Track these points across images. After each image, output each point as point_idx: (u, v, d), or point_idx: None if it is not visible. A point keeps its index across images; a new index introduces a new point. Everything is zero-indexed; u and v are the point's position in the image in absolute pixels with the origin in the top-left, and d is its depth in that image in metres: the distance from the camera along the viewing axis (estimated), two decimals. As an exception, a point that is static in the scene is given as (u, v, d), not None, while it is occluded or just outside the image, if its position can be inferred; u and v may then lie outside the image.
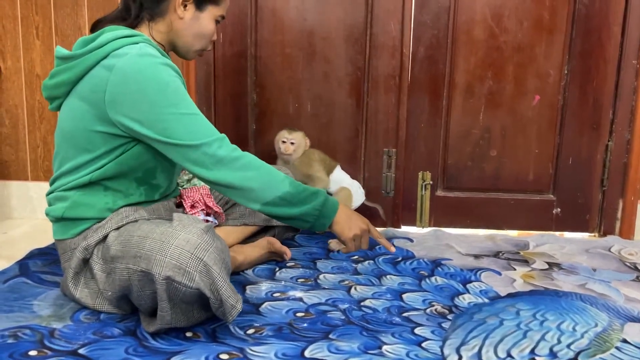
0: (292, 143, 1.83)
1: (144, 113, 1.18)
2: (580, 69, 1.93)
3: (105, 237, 1.25)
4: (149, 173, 1.31)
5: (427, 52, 1.94)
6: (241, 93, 1.98)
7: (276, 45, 1.95)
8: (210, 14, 1.34)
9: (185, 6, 1.31)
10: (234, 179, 1.20)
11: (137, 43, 1.22)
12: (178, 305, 1.15)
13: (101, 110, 1.20)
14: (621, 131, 1.94)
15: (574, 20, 1.90)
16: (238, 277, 1.51)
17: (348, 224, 1.29)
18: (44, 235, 1.78)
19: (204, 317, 1.22)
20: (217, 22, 1.37)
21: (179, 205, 1.47)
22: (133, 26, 1.31)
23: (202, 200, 1.48)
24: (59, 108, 1.30)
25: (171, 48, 1.37)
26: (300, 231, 1.83)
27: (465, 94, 1.96)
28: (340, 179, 1.88)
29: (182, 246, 1.11)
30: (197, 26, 1.33)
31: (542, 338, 1.22)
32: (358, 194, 1.87)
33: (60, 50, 1.27)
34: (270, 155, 1.85)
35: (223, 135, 1.23)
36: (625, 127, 1.93)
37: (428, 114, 1.98)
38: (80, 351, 1.12)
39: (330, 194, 1.83)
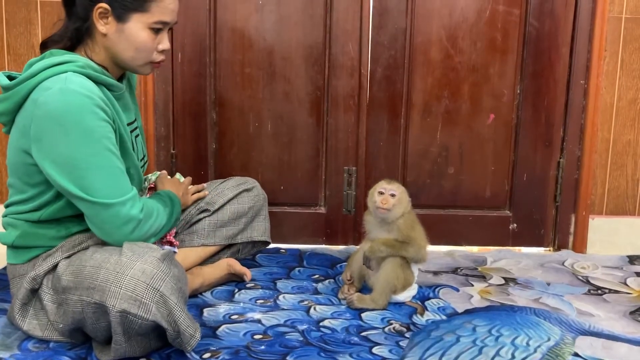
0: (392, 195, 1.46)
1: (62, 156, 1.13)
2: (532, 88, 1.99)
3: (55, 267, 1.21)
4: None
5: (385, 72, 1.97)
6: (200, 112, 1.97)
7: (236, 64, 1.95)
8: (138, 23, 1.20)
9: (105, 21, 1.21)
10: (137, 238, 1.20)
11: (65, 72, 1.15)
12: (134, 338, 1.12)
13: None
14: (572, 148, 2.00)
15: (525, 42, 1.97)
16: (196, 299, 1.49)
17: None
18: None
19: (161, 345, 1.19)
20: (156, 30, 1.23)
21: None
22: (74, 48, 1.25)
23: None
24: (9, 132, 1.24)
25: (120, 66, 1.28)
26: (266, 247, 1.74)
27: (422, 113, 2.00)
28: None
29: (137, 277, 1.08)
30: (125, 39, 1.21)
31: (497, 354, 1.24)
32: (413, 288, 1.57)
33: (1, 79, 1.20)
34: (230, 175, 1.83)
35: (135, 192, 1.21)
36: (576, 144, 2.00)
37: (387, 133, 2.01)
38: (27, 382, 1.08)
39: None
